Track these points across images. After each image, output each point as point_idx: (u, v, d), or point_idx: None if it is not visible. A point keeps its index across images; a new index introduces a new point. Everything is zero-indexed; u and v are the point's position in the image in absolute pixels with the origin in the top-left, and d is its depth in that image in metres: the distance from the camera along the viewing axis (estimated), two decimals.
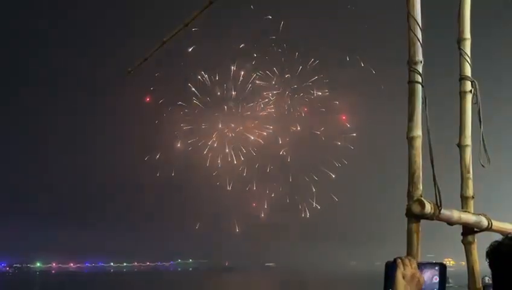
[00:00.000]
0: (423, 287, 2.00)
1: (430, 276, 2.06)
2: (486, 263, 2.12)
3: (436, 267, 2.06)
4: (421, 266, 2.04)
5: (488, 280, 2.32)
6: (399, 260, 2.01)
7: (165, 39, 3.75)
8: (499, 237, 2.20)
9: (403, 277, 1.95)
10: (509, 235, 2.08)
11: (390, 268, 2.02)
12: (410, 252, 2.14)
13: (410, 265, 1.99)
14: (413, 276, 1.96)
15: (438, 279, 2.05)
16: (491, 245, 2.07)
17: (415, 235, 2.14)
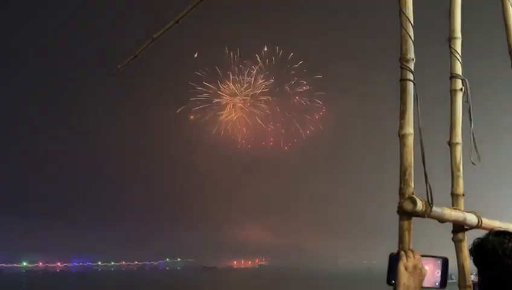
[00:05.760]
0: (425, 279, 2.02)
1: (433, 269, 2.09)
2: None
3: (439, 261, 2.10)
4: (424, 258, 2.07)
5: (474, 277, 2.33)
6: (402, 252, 2.04)
7: (155, 35, 3.70)
8: None
9: (405, 269, 1.99)
10: (493, 231, 2.09)
11: (394, 260, 2.05)
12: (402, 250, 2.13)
13: (413, 256, 2.02)
14: (415, 267, 1.99)
15: (439, 272, 2.09)
16: (474, 242, 2.09)
17: (406, 233, 2.14)
